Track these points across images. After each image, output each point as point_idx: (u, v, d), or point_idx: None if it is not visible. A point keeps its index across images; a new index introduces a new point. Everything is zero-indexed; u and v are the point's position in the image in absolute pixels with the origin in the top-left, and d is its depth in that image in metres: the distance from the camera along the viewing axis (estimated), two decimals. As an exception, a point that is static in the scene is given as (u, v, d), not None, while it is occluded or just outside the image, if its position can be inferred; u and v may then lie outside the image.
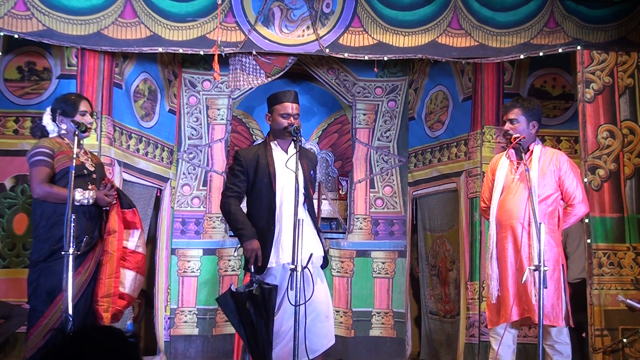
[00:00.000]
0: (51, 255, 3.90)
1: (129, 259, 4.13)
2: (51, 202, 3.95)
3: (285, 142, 4.20)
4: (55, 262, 3.86)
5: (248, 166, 4.17)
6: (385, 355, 6.15)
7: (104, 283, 3.99)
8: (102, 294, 3.98)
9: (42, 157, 3.98)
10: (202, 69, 6.29)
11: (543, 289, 3.71)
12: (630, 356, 4.78)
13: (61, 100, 4.17)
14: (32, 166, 4.00)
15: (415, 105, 6.32)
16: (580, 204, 4.20)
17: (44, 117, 4.17)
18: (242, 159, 4.19)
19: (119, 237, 4.05)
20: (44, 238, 3.94)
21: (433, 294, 6.09)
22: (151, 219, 5.91)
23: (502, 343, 4.08)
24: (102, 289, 3.98)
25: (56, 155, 4.00)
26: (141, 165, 5.63)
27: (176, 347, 6.00)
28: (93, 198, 3.97)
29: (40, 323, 3.88)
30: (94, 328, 1.63)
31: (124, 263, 4.11)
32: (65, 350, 1.54)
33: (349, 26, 5.17)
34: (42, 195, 3.96)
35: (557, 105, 5.60)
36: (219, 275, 6.16)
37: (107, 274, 4.00)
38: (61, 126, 4.09)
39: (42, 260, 3.92)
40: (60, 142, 4.08)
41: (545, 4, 5.18)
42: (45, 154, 3.99)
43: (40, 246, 3.95)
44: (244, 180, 4.17)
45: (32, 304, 3.97)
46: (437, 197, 6.03)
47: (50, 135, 4.14)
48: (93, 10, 4.99)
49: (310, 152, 4.55)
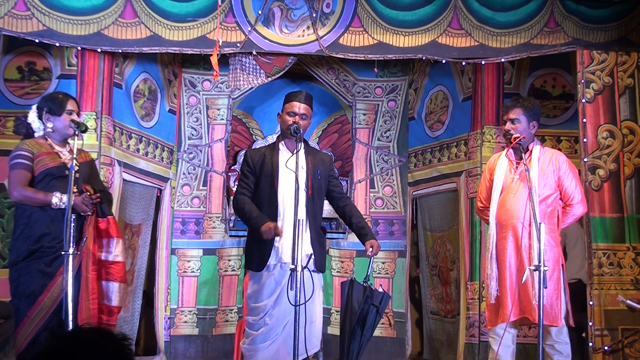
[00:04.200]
0: (30, 255, 3.81)
1: (111, 270, 4.04)
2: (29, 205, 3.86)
3: (292, 143, 4.20)
4: (34, 262, 3.80)
5: (255, 165, 4.21)
6: (385, 355, 6.15)
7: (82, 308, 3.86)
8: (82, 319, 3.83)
9: (21, 160, 3.88)
10: (202, 69, 6.29)
11: (543, 289, 3.71)
12: (630, 356, 4.79)
13: (48, 98, 4.08)
14: (11, 169, 3.90)
15: (415, 105, 6.32)
16: (579, 204, 4.20)
17: (29, 115, 4.05)
18: (249, 159, 4.26)
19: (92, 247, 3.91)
20: (23, 237, 3.85)
21: (434, 293, 6.09)
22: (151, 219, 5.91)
23: (502, 343, 4.09)
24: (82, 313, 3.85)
25: (36, 157, 3.89)
26: (141, 165, 5.63)
27: (176, 347, 6.00)
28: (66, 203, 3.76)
29: (24, 323, 3.81)
30: (87, 329, 1.63)
31: (108, 276, 4.03)
32: (58, 351, 1.54)
33: (349, 26, 5.17)
34: (18, 198, 3.88)
35: (557, 105, 5.61)
36: (219, 275, 6.17)
37: (84, 297, 3.89)
38: (47, 124, 3.97)
39: (21, 260, 3.83)
40: (41, 143, 3.96)
41: (545, 4, 5.18)
42: (24, 156, 3.88)
43: (18, 245, 3.85)
44: (253, 180, 4.22)
45: (15, 304, 3.88)
46: (437, 197, 6.03)
47: (36, 133, 4.03)
48: (93, 10, 4.99)
49: (322, 153, 4.54)
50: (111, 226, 4.04)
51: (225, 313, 6.13)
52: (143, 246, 5.79)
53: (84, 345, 1.55)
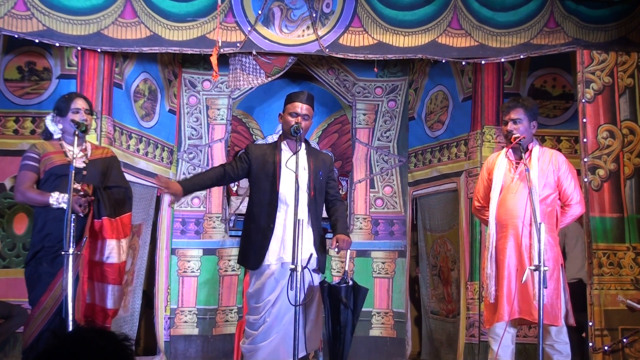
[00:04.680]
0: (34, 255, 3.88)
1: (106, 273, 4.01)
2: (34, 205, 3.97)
3: (293, 143, 4.19)
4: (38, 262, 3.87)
5: (252, 159, 4.19)
6: (385, 355, 6.15)
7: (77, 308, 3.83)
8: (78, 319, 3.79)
9: (26, 162, 3.96)
10: (202, 69, 6.29)
11: (543, 288, 3.71)
12: (630, 356, 4.78)
13: (58, 100, 4.14)
14: (19, 170, 4.01)
15: (415, 105, 6.32)
16: (577, 204, 4.20)
17: (46, 119, 4.14)
18: (250, 151, 4.25)
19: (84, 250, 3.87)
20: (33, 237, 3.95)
21: (435, 293, 6.09)
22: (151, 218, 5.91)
23: (502, 344, 4.08)
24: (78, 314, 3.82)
25: (42, 158, 3.94)
26: (141, 165, 5.63)
27: (176, 347, 6.00)
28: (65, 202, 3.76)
29: (28, 321, 3.88)
30: (88, 330, 1.63)
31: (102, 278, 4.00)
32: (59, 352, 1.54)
33: (349, 26, 5.17)
34: (20, 200, 4.00)
35: (557, 105, 5.60)
36: (219, 275, 6.17)
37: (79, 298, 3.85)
38: (57, 126, 4.03)
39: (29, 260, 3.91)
40: (48, 144, 4.02)
41: (545, 4, 5.18)
42: (31, 158, 3.96)
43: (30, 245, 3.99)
44: (243, 167, 4.20)
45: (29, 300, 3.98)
46: (437, 197, 6.03)
47: (54, 136, 4.09)
48: (93, 10, 4.99)
49: (324, 154, 4.51)
50: (105, 227, 3.96)
51: (225, 313, 6.13)
52: (143, 246, 5.79)
53: (84, 346, 1.55)
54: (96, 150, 4.17)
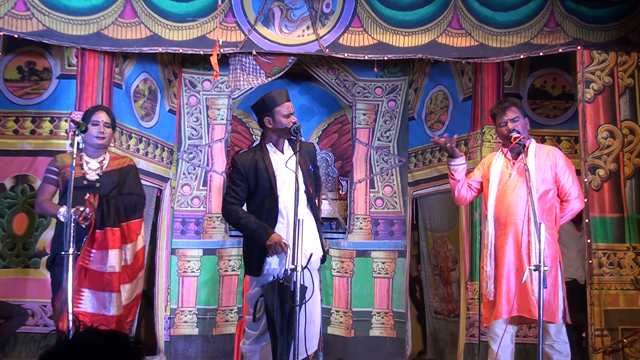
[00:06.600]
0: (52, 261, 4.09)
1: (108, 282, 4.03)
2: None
3: (280, 143, 4.16)
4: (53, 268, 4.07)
5: (247, 172, 4.08)
6: (385, 355, 6.15)
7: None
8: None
9: (48, 175, 4.17)
10: (202, 69, 6.29)
11: (543, 288, 3.70)
12: (630, 356, 4.78)
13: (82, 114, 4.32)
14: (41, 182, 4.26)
15: (415, 105, 6.32)
16: (576, 199, 4.19)
17: None
18: (240, 166, 4.10)
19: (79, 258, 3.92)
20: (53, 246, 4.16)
21: (436, 293, 6.09)
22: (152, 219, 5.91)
23: (501, 343, 4.08)
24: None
25: (61, 170, 4.13)
26: (141, 165, 5.62)
27: (176, 347, 6.00)
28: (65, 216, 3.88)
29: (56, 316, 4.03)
30: (96, 331, 1.62)
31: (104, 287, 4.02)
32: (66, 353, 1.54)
33: (349, 26, 5.17)
34: (37, 211, 4.30)
35: (557, 105, 5.60)
36: (219, 275, 6.17)
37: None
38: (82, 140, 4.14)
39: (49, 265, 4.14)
40: (68, 157, 4.17)
41: (545, 4, 5.18)
42: (50, 171, 4.17)
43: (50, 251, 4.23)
44: (244, 188, 4.08)
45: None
46: (437, 197, 6.03)
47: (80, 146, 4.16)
48: (93, 10, 4.99)
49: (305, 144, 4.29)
50: (107, 238, 4.01)
51: (225, 313, 6.13)
52: (143, 246, 5.79)
53: (90, 348, 1.55)
54: (114, 160, 4.26)
